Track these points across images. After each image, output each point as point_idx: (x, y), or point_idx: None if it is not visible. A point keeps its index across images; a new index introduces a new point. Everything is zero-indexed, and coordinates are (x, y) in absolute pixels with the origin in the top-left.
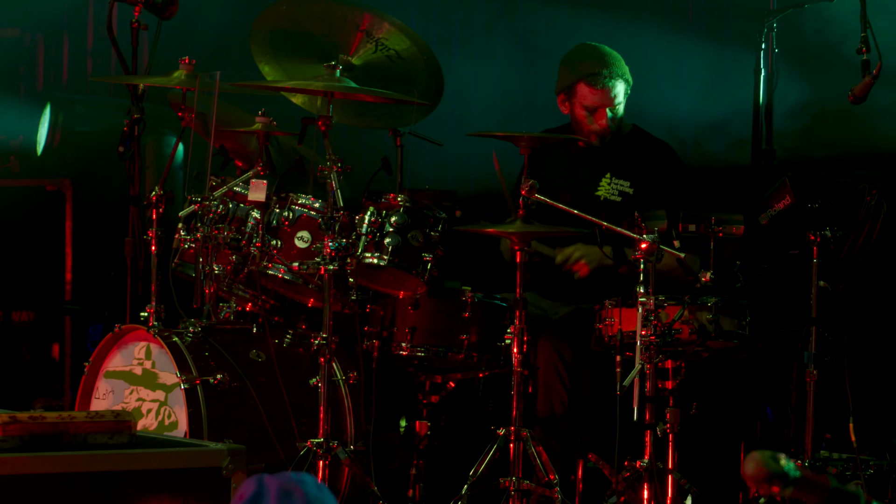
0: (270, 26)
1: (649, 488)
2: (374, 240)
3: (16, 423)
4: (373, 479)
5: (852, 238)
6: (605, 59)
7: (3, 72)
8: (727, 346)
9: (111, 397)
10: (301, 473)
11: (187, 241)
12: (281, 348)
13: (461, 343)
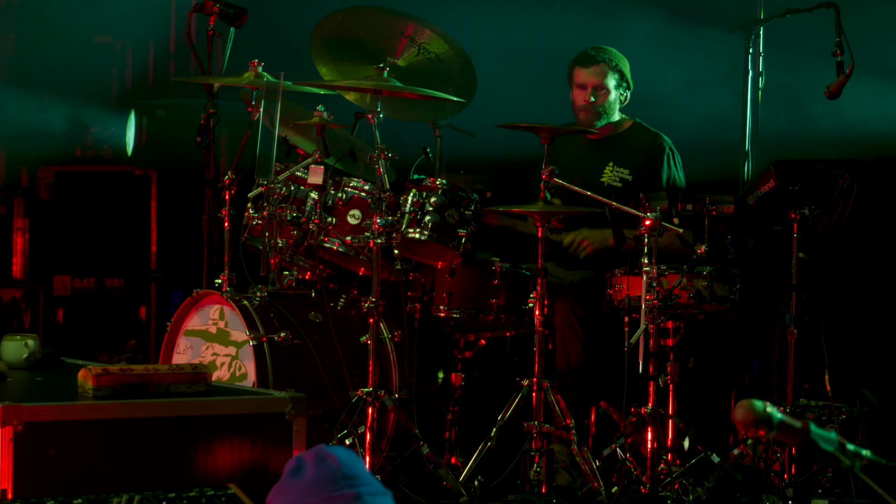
0: (328, 33)
1: (652, 431)
2: (416, 217)
3: (108, 374)
4: (415, 423)
5: (827, 216)
6: (598, 48)
7: (98, 73)
8: (720, 309)
9: (190, 352)
10: (332, 445)
11: (255, 218)
12: (335, 311)
13: (491, 306)
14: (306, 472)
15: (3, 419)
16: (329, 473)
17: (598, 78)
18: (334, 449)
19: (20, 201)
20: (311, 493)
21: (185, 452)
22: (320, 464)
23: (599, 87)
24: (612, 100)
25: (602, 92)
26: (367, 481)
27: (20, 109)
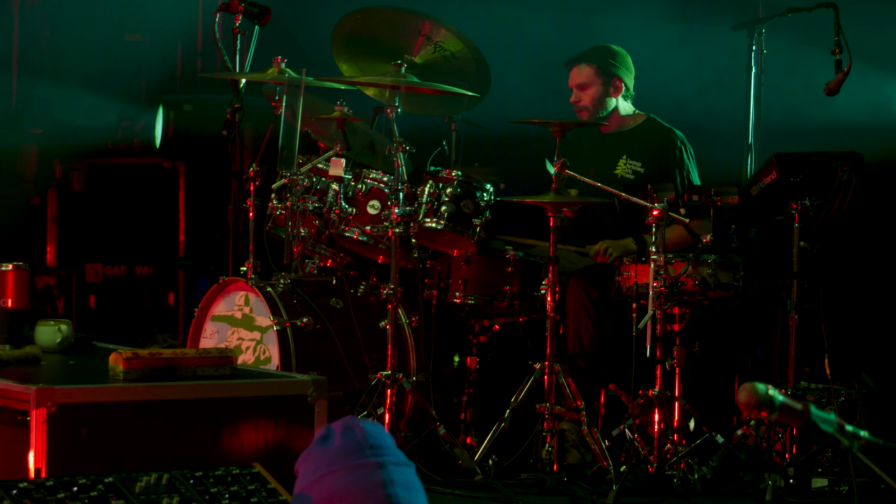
0: (348, 32)
1: (659, 412)
2: (433, 207)
3: (138, 358)
4: (431, 404)
5: (827, 207)
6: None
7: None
8: (724, 295)
9: (216, 337)
10: (361, 417)
11: (279, 208)
12: (356, 297)
13: (505, 293)
14: (334, 441)
15: (37, 401)
16: (356, 442)
17: (579, 78)
18: (362, 421)
19: (54, 193)
20: (338, 460)
21: (211, 433)
22: (348, 433)
23: (581, 86)
24: (599, 95)
25: (584, 91)
26: (391, 451)
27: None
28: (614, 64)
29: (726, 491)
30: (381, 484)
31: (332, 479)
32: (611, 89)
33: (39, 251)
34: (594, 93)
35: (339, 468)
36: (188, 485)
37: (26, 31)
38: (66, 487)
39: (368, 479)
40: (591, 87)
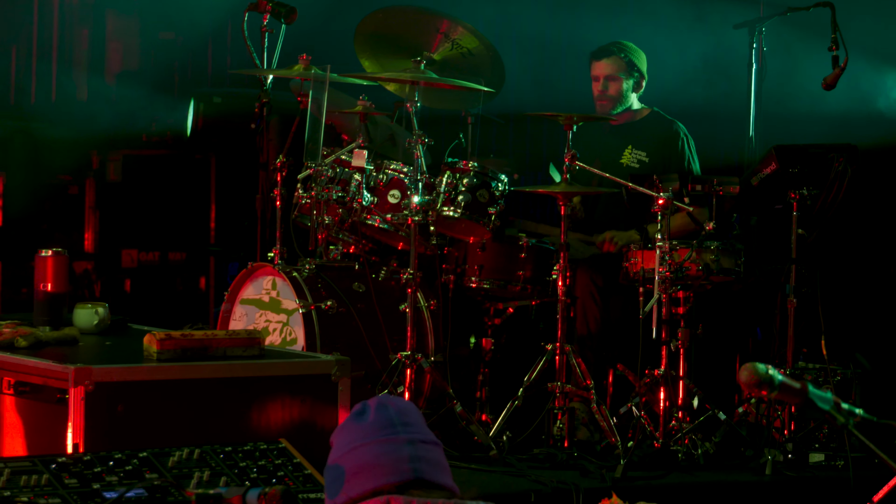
0: (370, 30)
1: (665, 391)
2: (450, 197)
3: (171, 339)
4: (449, 383)
5: (823, 196)
6: (614, 42)
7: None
8: (726, 280)
9: (245, 319)
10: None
11: (304, 197)
12: (377, 281)
13: (518, 277)
14: (369, 416)
15: (75, 380)
16: (388, 419)
17: (609, 70)
18: (395, 400)
19: (91, 182)
20: (371, 434)
21: (240, 410)
22: (381, 410)
23: (610, 77)
24: (624, 89)
25: (613, 82)
26: (420, 430)
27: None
28: (638, 60)
29: (728, 465)
30: (408, 458)
31: (363, 450)
32: (634, 85)
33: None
34: (621, 86)
35: (371, 441)
36: (218, 459)
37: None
38: (102, 462)
39: (397, 452)
40: (619, 80)
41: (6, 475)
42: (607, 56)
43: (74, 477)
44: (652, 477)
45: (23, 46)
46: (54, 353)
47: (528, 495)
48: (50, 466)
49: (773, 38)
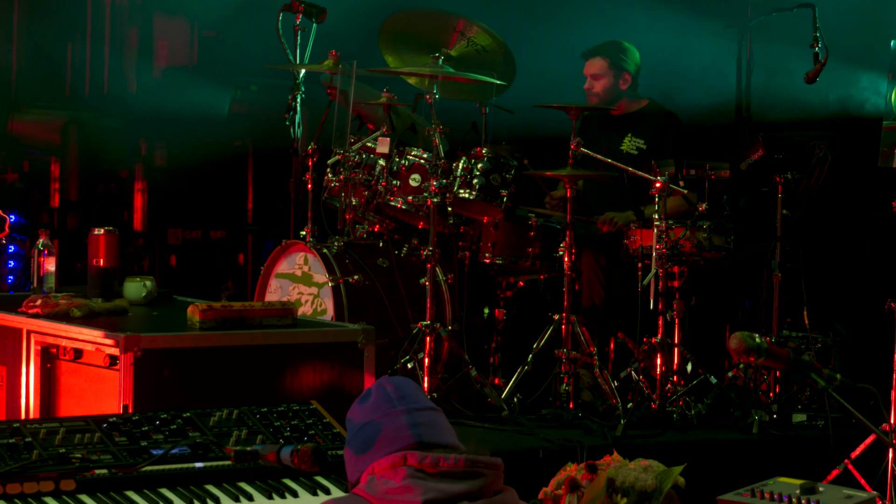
0: (393, 29)
1: (661, 357)
2: (466, 180)
3: (212, 310)
4: (464, 350)
5: (806, 179)
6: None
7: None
8: (717, 256)
9: (279, 292)
10: (392, 376)
11: (333, 181)
12: (399, 258)
13: (528, 254)
14: (371, 398)
15: (125, 347)
16: (386, 396)
17: (595, 69)
18: (393, 378)
19: (140, 167)
20: (373, 412)
21: (274, 374)
22: (379, 390)
23: (596, 76)
24: (610, 86)
25: (597, 81)
26: (416, 399)
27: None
28: (625, 59)
29: (719, 425)
30: (406, 426)
31: (367, 428)
32: (620, 82)
33: (127, 217)
34: (605, 84)
35: (372, 419)
36: (255, 419)
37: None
38: (149, 421)
39: (395, 423)
40: (603, 78)
41: (62, 433)
42: (594, 56)
43: (124, 435)
44: (649, 435)
45: (77, 43)
46: (106, 322)
47: (536, 452)
48: (101, 426)
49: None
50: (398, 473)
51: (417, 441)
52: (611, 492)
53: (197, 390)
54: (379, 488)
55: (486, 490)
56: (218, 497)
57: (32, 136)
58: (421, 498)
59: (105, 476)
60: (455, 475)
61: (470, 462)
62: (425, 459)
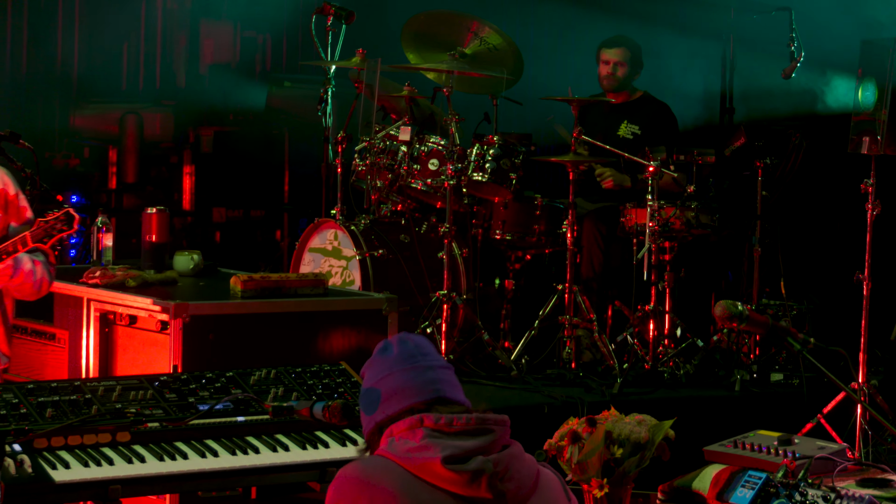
0: (414, 29)
1: (654, 323)
2: (479, 164)
3: (252, 281)
4: (478, 316)
5: (783, 164)
6: (621, 35)
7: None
8: (704, 233)
9: (312, 265)
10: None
11: (360, 165)
12: (419, 234)
13: (534, 230)
14: (392, 351)
15: (175, 313)
16: (409, 351)
17: (619, 56)
18: (412, 335)
19: (188, 153)
20: (399, 364)
21: (308, 338)
22: (402, 344)
23: (619, 63)
24: (628, 73)
25: (621, 67)
26: (436, 358)
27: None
28: (640, 54)
29: (705, 383)
30: (430, 381)
31: (394, 376)
32: (636, 73)
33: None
34: (626, 71)
35: (399, 369)
36: (290, 378)
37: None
38: (196, 380)
39: (422, 377)
40: (626, 66)
41: (118, 391)
42: (618, 46)
43: (173, 392)
44: (643, 393)
45: (132, 44)
46: (158, 291)
47: (541, 407)
48: (154, 383)
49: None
50: (416, 434)
51: (439, 396)
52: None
53: (239, 352)
54: (399, 448)
55: (496, 444)
56: (257, 447)
57: (92, 127)
58: (441, 454)
59: (156, 429)
60: (468, 433)
61: (480, 420)
62: (440, 420)
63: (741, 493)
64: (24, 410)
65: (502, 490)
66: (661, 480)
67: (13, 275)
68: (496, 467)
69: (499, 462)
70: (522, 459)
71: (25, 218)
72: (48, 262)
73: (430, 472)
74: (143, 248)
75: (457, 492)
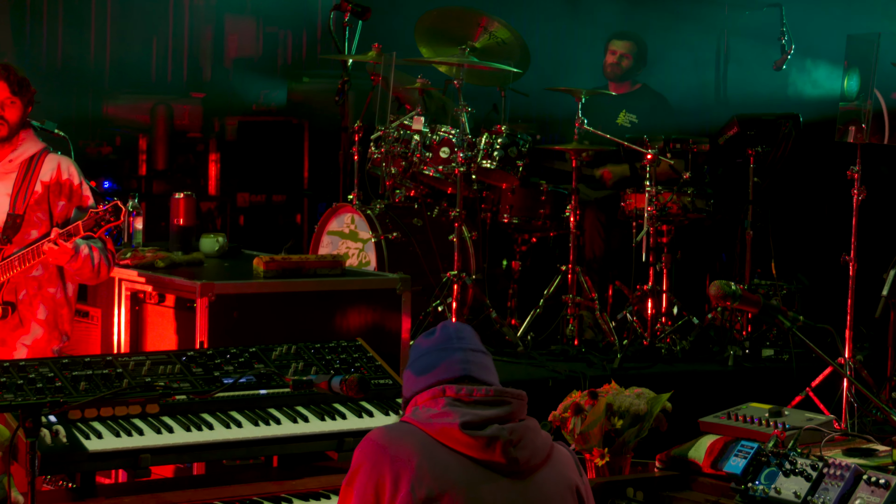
0: (427, 24)
1: (652, 301)
2: (488, 152)
3: (274, 262)
4: (486, 295)
5: (773, 152)
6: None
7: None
8: (699, 217)
9: (330, 247)
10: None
11: (376, 153)
12: (431, 218)
13: (540, 215)
14: (435, 333)
15: (201, 292)
16: (447, 335)
17: (626, 48)
18: (457, 323)
19: (214, 141)
20: (434, 346)
21: (326, 316)
22: (444, 329)
23: (625, 55)
24: (632, 66)
25: (626, 59)
26: (472, 342)
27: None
28: (646, 49)
29: (700, 358)
30: (459, 361)
31: (427, 357)
32: (640, 65)
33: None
34: (630, 64)
35: (433, 351)
36: (309, 353)
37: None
38: (221, 355)
39: (451, 357)
40: (631, 58)
41: (147, 365)
42: (627, 39)
43: (200, 366)
44: (642, 367)
45: (161, 39)
46: (185, 272)
47: (546, 381)
48: (181, 358)
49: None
50: (438, 402)
51: (466, 374)
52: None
53: (261, 329)
54: (422, 415)
55: (513, 416)
56: (279, 418)
57: (123, 117)
58: (459, 420)
59: (184, 401)
60: (486, 403)
61: (499, 392)
62: (461, 391)
63: (734, 461)
64: (59, 384)
65: (515, 457)
66: (658, 450)
67: (72, 259)
68: (510, 435)
69: (513, 431)
70: (537, 432)
71: (87, 205)
72: (105, 249)
73: (448, 436)
74: (171, 231)
75: (473, 455)
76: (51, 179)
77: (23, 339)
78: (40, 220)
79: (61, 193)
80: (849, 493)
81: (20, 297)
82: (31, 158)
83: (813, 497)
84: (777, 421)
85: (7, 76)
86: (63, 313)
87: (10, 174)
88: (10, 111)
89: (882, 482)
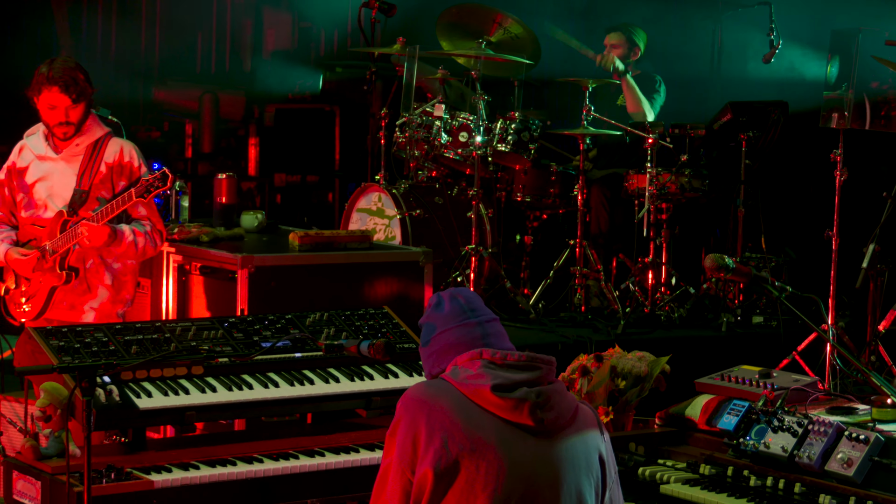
0: (447, 20)
1: (652, 273)
2: (503, 137)
3: (308, 236)
4: (501, 267)
5: (763, 136)
6: (624, 23)
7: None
8: (696, 196)
9: (359, 223)
10: (460, 287)
11: (400, 137)
12: (451, 196)
13: (550, 194)
14: (444, 307)
15: (242, 264)
16: (459, 308)
17: (614, 41)
18: (462, 290)
19: (253, 127)
20: (450, 322)
21: (356, 286)
22: (453, 301)
23: (615, 45)
24: (623, 55)
25: (616, 49)
26: (484, 311)
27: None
28: (636, 36)
29: (695, 325)
30: (480, 336)
31: (446, 334)
32: (631, 53)
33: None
34: (620, 53)
35: (451, 327)
36: (340, 320)
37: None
38: (260, 321)
39: (471, 334)
40: (620, 48)
41: (193, 331)
42: (615, 31)
43: (241, 332)
44: (643, 333)
45: (205, 32)
46: (227, 245)
47: (555, 345)
48: (223, 324)
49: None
50: (475, 364)
51: (486, 347)
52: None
53: (296, 298)
54: (460, 375)
55: (542, 380)
56: (312, 379)
57: (171, 103)
58: (491, 382)
59: (226, 363)
60: (518, 367)
61: (530, 358)
62: (496, 355)
63: (727, 419)
64: (112, 347)
65: (542, 418)
66: (658, 408)
67: (114, 243)
68: (538, 398)
69: (541, 394)
70: (564, 395)
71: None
72: (154, 230)
73: (481, 396)
74: (214, 209)
75: (503, 416)
76: (114, 161)
77: (90, 303)
78: (104, 198)
79: (122, 174)
80: (832, 447)
81: (87, 265)
82: (96, 142)
83: (799, 451)
84: (766, 382)
85: (66, 88)
86: (127, 280)
87: (77, 156)
88: (73, 113)
89: (862, 437)
